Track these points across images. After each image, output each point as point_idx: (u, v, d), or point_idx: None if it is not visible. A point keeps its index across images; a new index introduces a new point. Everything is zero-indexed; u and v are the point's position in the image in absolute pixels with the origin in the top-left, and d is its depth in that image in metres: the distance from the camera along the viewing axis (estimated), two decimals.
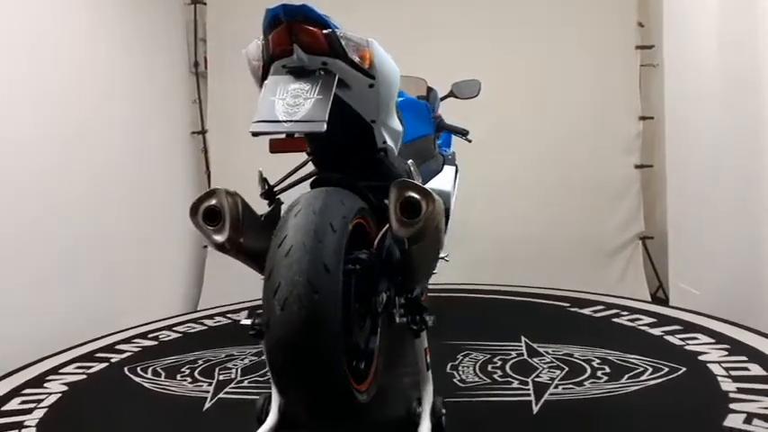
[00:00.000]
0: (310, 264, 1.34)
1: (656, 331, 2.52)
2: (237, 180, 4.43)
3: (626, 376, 2.03)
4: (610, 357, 2.21)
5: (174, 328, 2.99)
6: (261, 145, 2.89)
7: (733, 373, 2.01)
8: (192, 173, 3.96)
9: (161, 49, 3.69)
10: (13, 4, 2.70)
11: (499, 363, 2.23)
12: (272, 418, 1.77)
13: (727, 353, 2.20)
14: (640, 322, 2.65)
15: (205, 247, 3.95)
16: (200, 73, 3.96)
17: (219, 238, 1.52)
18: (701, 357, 2.18)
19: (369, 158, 1.75)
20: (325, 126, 1.36)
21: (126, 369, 2.42)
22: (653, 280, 3.62)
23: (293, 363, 1.33)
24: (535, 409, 1.83)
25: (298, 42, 1.42)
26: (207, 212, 1.52)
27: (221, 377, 2.26)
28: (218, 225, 1.52)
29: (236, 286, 3.55)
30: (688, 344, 2.33)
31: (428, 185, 1.89)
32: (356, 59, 1.49)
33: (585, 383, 2.00)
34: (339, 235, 1.41)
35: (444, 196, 1.88)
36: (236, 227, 1.52)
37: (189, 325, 3.05)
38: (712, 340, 2.35)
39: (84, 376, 2.37)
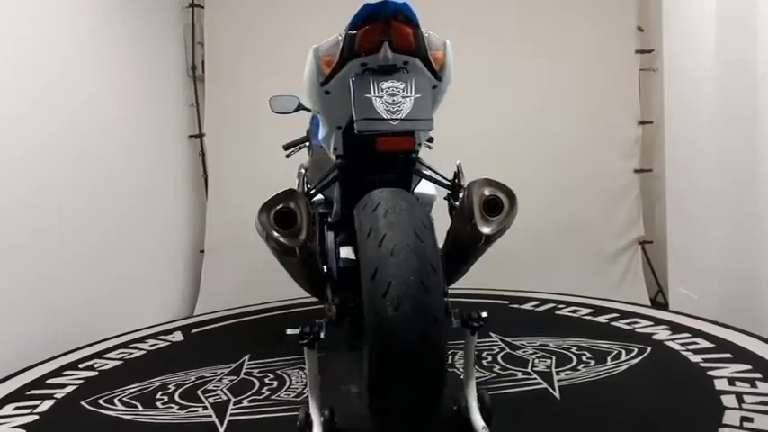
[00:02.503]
0: (420, 263, 1.33)
1: (600, 319, 2.80)
2: (235, 183, 4.15)
3: (608, 359, 2.25)
4: (582, 344, 2.42)
5: (105, 356, 2.66)
6: (258, 148, 2.73)
7: (689, 347, 2.32)
8: (189, 176, 3.83)
9: (158, 52, 3.65)
10: (7, 8, 2.59)
11: (489, 357, 2.33)
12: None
13: (671, 332, 2.53)
14: (581, 313, 2.92)
15: (202, 251, 3.81)
16: (198, 77, 3.90)
17: (294, 242, 1.43)
18: (654, 337, 2.47)
19: (405, 159, 1.77)
20: (433, 124, 1.37)
21: (84, 403, 2.12)
22: (653, 285, 3.64)
23: (410, 364, 1.30)
24: (556, 394, 1.96)
25: (389, 40, 1.40)
26: (279, 214, 1.43)
27: (212, 400, 2.07)
28: (290, 229, 1.43)
29: (232, 290, 3.56)
30: (635, 327, 2.63)
31: (417, 190, 1.96)
32: (431, 60, 1.51)
33: (580, 368, 2.17)
34: (431, 233, 1.42)
35: (429, 199, 1.96)
36: (309, 232, 1.45)
37: (122, 351, 2.73)
38: (651, 323, 2.68)
39: (36, 416, 2.02)
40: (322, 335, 1.63)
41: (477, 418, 1.67)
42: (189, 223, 3.85)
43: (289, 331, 1.67)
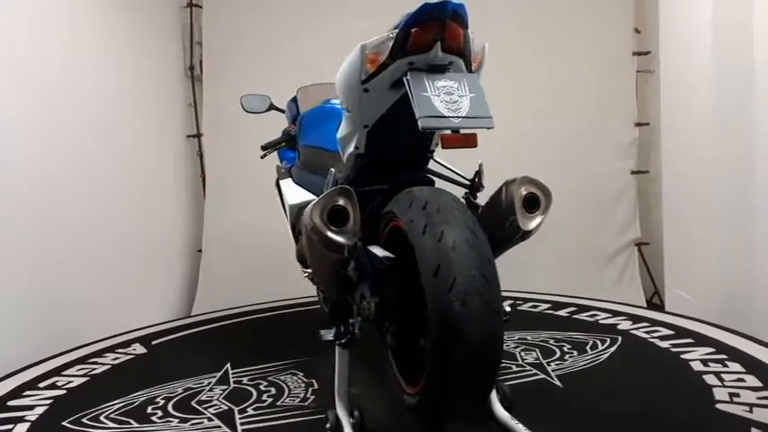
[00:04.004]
0: (480, 258, 1.37)
1: (562, 313, 2.96)
2: (233, 183, 3.94)
3: (588, 349, 2.39)
4: (557, 337, 2.55)
5: (65, 373, 2.45)
6: (256, 148, 2.63)
7: (654, 335, 2.52)
8: (186, 176, 3.80)
9: (156, 52, 3.65)
10: (4, 7, 2.56)
11: None
12: None
13: (632, 322, 2.73)
14: (541, 308, 3.08)
15: (199, 251, 3.75)
16: (196, 77, 3.90)
17: (345, 240, 1.43)
18: (619, 327, 2.66)
19: (422, 158, 1.80)
20: (493, 123, 1.41)
21: (66, 423, 1.95)
22: (649, 286, 3.66)
23: (479, 357, 1.33)
24: (557, 383, 2.06)
25: (441, 40, 1.43)
26: (333, 212, 1.42)
27: (213, 411, 1.98)
28: (342, 227, 1.43)
29: (230, 289, 3.52)
30: (598, 319, 2.81)
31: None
32: (472, 61, 1.55)
33: (566, 359, 2.29)
34: (481, 228, 1.46)
35: None
36: (359, 231, 1.45)
37: (82, 367, 2.51)
38: (610, 314, 2.87)
39: None
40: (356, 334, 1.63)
41: (501, 410, 1.72)
42: (186, 223, 3.83)
43: (322, 332, 1.65)
